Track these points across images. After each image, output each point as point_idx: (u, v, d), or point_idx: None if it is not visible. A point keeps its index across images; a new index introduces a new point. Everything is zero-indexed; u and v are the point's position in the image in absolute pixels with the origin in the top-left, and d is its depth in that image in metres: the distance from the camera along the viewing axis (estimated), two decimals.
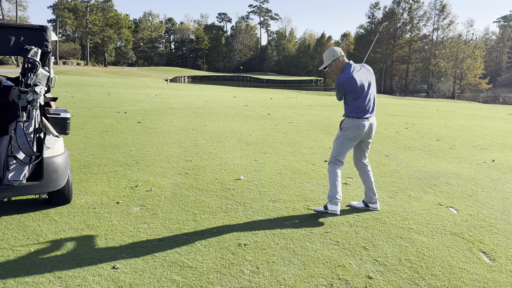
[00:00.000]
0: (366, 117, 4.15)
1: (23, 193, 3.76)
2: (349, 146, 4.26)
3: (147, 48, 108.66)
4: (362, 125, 4.14)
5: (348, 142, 4.24)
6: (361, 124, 4.14)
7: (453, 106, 27.75)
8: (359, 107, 4.13)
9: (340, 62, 4.20)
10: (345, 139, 4.23)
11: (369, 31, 78.59)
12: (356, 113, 4.14)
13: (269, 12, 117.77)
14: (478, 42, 79.52)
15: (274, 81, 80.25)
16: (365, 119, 4.15)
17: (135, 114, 11.73)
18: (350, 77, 4.10)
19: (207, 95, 22.54)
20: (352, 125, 4.15)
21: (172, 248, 3.44)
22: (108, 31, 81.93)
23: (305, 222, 4.12)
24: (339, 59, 4.19)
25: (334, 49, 4.23)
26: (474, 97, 60.18)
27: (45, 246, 3.39)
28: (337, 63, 4.20)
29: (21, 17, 67.25)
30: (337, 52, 4.19)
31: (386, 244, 3.67)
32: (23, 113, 3.62)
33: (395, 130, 10.93)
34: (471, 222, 4.29)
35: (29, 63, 3.65)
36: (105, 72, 59.54)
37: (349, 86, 4.09)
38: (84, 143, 7.43)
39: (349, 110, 4.18)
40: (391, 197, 5.01)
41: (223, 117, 12.13)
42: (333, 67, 4.21)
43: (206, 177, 5.56)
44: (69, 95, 17.52)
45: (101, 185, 5.05)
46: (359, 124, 4.13)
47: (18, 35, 3.95)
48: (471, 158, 7.56)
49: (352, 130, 4.17)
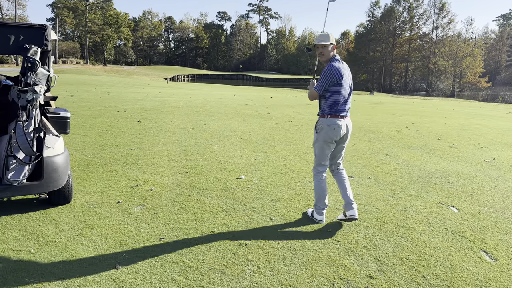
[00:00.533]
0: (342, 116, 3.87)
1: (23, 192, 3.74)
2: (328, 149, 3.95)
3: (146, 47, 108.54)
4: (338, 125, 3.83)
5: (326, 145, 3.93)
6: (337, 124, 3.83)
7: (453, 105, 27.74)
8: (338, 104, 3.84)
9: (333, 50, 3.96)
10: (323, 142, 3.92)
11: (369, 30, 78.55)
12: (331, 110, 3.84)
13: (268, 10, 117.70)
14: (477, 40, 79.66)
15: (273, 79, 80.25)
16: (341, 118, 3.86)
17: (135, 113, 11.71)
18: (340, 67, 3.85)
19: (207, 94, 22.52)
20: (328, 125, 3.84)
21: (173, 248, 3.42)
22: (108, 30, 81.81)
23: (306, 221, 4.10)
24: (335, 47, 3.96)
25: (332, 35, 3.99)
26: (473, 95, 60.25)
27: (46, 246, 3.38)
28: (333, 49, 3.94)
29: (20, 15, 67.16)
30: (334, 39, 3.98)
31: (387, 243, 3.66)
32: (23, 113, 3.60)
33: (395, 128, 10.92)
34: (472, 221, 4.28)
35: (29, 62, 3.63)
36: (104, 71, 59.46)
37: (339, 77, 3.81)
38: (84, 142, 7.41)
39: (325, 107, 3.88)
40: (391, 196, 5.00)
41: (223, 116, 12.12)
42: (326, 52, 3.90)
43: (207, 176, 5.55)
44: (68, 94, 17.49)
45: (101, 184, 5.03)
46: (335, 124, 3.83)
47: (18, 34, 3.93)
48: (472, 157, 7.55)
49: (328, 130, 3.85)
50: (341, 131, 3.86)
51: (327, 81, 3.82)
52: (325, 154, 3.97)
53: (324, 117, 3.87)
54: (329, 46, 3.89)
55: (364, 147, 8.10)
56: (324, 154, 3.97)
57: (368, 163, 6.71)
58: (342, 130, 3.86)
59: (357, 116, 13.88)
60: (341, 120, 3.86)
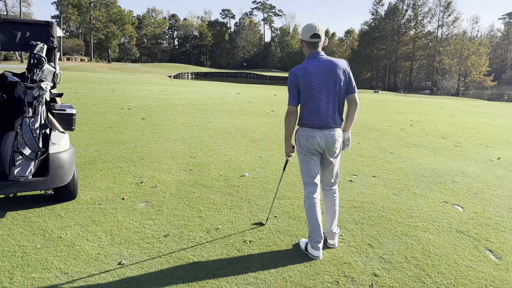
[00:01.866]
0: (319, 127, 3.21)
1: (29, 188, 3.76)
2: (311, 162, 3.31)
3: (150, 45, 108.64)
4: (312, 136, 3.21)
5: (306, 157, 3.31)
6: (311, 134, 3.22)
7: (458, 104, 27.62)
8: (309, 113, 3.22)
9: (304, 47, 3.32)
10: (302, 155, 3.34)
11: (373, 28, 78.24)
12: (302, 119, 3.28)
13: (272, 8, 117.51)
14: (483, 39, 79.18)
15: (277, 77, 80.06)
16: (317, 129, 3.21)
17: (139, 111, 11.74)
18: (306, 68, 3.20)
19: (211, 92, 22.52)
20: (301, 135, 3.28)
21: (177, 245, 3.44)
22: (112, 27, 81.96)
23: None
24: (302, 44, 3.33)
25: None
26: (478, 94, 59.93)
27: (51, 241, 3.40)
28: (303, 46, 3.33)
29: (25, 13, 67.45)
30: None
31: (391, 241, 3.65)
32: (29, 109, 3.62)
33: (399, 127, 10.89)
34: (477, 220, 4.27)
35: (35, 58, 3.65)
36: (108, 68, 59.60)
37: (301, 80, 3.19)
38: (89, 139, 7.44)
39: (300, 116, 3.32)
40: (396, 194, 4.99)
41: (227, 113, 12.12)
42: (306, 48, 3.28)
43: (211, 174, 5.56)
44: (73, 91, 17.55)
45: (106, 181, 5.05)
46: (308, 134, 3.23)
47: (24, 30, 3.95)
48: (477, 156, 7.52)
49: (301, 141, 3.29)
50: (317, 142, 3.22)
51: (289, 87, 3.27)
52: (308, 167, 3.32)
53: (299, 125, 3.35)
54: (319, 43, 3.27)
55: (369, 145, 8.08)
56: (308, 168, 3.32)
57: (373, 161, 6.69)
58: (318, 141, 3.21)
59: (362, 114, 13.84)
60: (318, 131, 3.21)
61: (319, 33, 3.20)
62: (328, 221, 3.49)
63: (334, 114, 3.23)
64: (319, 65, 3.19)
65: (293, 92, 3.23)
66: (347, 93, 3.32)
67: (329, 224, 3.48)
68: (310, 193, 3.34)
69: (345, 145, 3.45)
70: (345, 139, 3.42)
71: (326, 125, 3.21)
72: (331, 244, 3.51)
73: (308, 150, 3.28)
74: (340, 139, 3.32)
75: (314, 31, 3.20)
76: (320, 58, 3.23)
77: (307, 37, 3.22)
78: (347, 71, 3.28)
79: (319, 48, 3.26)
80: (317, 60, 3.22)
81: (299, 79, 3.19)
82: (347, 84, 3.28)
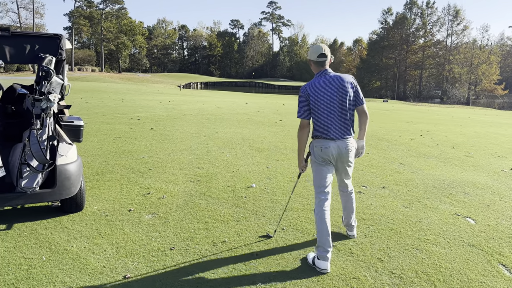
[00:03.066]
0: (332, 138, 3.40)
1: (36, 200, 3.77)
2: (325, 170, 3.48)
3: (160, 55, 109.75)
4: (326, 146, 3.39)
5: (320, 167, 3.49)
6: (325, 145, 3.40)
7: (468, 113, 27.34)
8: (320, 125, 3.42)
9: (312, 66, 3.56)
10: (317, 164, 3.50)
11: (382, 37, 78.17)
12: (315, 131, 3.48)
13: (281, 18, 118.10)
14: (493, 47, 78.58)
15: (286, 87, 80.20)
16: (330, 140, 3.40)
17: (148, 121, 11.80)
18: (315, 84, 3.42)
19: (219, 101, 22.60)
20: (315, 146, 3.46)
21: (183, 258, 3.40)
22: (123, 38, 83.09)
23: None
24: (309, 62, 3.55)
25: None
26: (489, 103, 59.35)
27: (57, 254, 3.38)
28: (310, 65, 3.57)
29: (38, 24, 68.67)
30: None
31: (402, 255, 3.57)
32: (37, 121, 3.64)
33: (409, 137, 10.78)
34: (489, 233, 4.16)
35: (44, 71, 3.68)
36: (119, 79, 60.27)
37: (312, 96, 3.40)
38: (97, 149, 7.47)
39: (314, 129, 3.52)
40: (406, 206, 4.90)
41: (235, 123, 12.12)
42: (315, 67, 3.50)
43: (218, 185, 5.53)
44: (83, 102, 17.74)
45: (114, 192, 5.05)
46: (322, 144, 3.41)
47: (33, 43, 3.99)
48: (488, 166, 7.39)
49: (316, 152, 3.46)
50: (330, 152, 3.39)
51: (299, 103, 3.48)
52: (322, 176, 3.47)
53: (313, 137, 3.53)
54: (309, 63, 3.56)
55: (378, 155, 7.99)
56: (321, 177, 3.47)
57: (382, 172, 6.61)
58: (330, 151, 3.39)
59: (371, 124, 13.75)
60: (331, 141, 3.39)
61: (325, 53, 3.43)
62: (347, 215, 3.84)
63: (345, 125, 3.43)
64: (329, 81, 3.41)
65: (305, 107, 3.43)
66: (356, 105, 3.52)
67: (348, 218, 3.85)
68: (321, 201, 3.44)
69: (359, 152, 3.60)
70: (359, 147, 3.58)
71: (339, 136, 3.41)
72: (350, 235, 3.91)
73: (323, 159, 3.46)
74: (353, 149, 3.51)
75: (321, 51, 3.42)
76: (328, 75, 3.44)
77: (315, 57, 3.44)
78: (354, 85, 3.49)
79: (326, 66, 3.48)
80: (326, 76, 3.43)
81: (310, 95, 3.40)
82: (355, 97, 3.48)
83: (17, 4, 67.99)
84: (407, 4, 75.71)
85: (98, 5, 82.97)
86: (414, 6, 75.02)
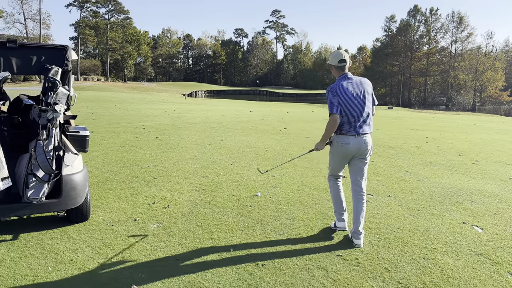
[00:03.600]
0: (353, 134, 3.82)
1: (42, 210, 3.78)
2: (341, 161, 4.02)
3: (165, 64, 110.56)
4: (347, 143, 3.82)
5: (337, 158, 4.01)
6: (346, 141, 3.83)
7: (474, 120, 27.21)
8: (345, 122, 3.82)
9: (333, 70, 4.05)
10: (334, 155, 4.02)
11: (385, 44, 78.25)
12: (340, 127, 3.84)
13: (285, 27, 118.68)
14: (498, 53, 78.35)
15: (290, 94, 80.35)
16: (351, 136, 3.82)
17: (153, 130, 11.85)
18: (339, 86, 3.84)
19: (224, 110, 22.67)
20: (337, 141, 3.89)
21: (188, 268, 3.38)
22: (128, 48, 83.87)
23: (324, 241, 4.01)
24: (331, 68, 4.02)
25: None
26: (495, 109, 59.05)
27: (63, 264, 3.38)
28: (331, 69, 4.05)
29: (44, 35, 69.50)
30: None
31: (409, 265, 3.54)
32: (43, 131, 3.67)
33: (415, 144, 10.73)
34: (497, 242, 4.12)
35: (50, 82, 3.72)
36: (124, 88, 60.70)
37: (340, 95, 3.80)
38: (103, 159, 7.50)
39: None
40: (413, 215, 4.86)
41: (239, 131, 12.14)
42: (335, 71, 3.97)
43: (223, 194, 5.52)
44: (89, 111, 17.86)
45: (119, 201, 5.06)
46: (343, 141, 3.84)
47: (40, 54, 4.04)
48: (495, 174, 7.33)
49: (336, 147, 3.91)
50: (349, 148, 3.84)
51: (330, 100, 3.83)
52: (337, 165, 4.09)
53: (335, 133, 3.92)
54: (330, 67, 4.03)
55: (383, 163, 7.96)
56: (337, 166, 4.10)
57: (388, 180, 6.57)
58: (350, 147, 3.83)
59: (376, 131, 13.70)
60: (352, 137, 3.82)
61: (345, 58, 3.88)
62: (356, 219, 3.95)
63: (365, 122, 3.88)
64: (352, 83, 3.88)
65: (335, 103, 3.79)
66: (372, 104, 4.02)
67: (357, 224, 3.93)
68: (335, 181, 4.20)
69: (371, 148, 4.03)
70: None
71: (360, 132, 3.84)
72: (356, 245, 3.90)
73: (342, 154, 3.93)
74: (370, 143, 3.94)
75: (341, 57, 3.89)
76: (350, 77, 3.92)
77: (336, 62, 3.91)
78: (371, 87, 4.03)
79: (346, 70, 3.95)
80: (348, 78, 3.90)
81: (337, 93, 3.80)
82: (372, 97, 4.00)
83: (24, 15, 68.98)
84: (410, 11, 75.91)
85: (104, 15, 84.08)
86: (418, 13, 75.18)
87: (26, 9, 68.90)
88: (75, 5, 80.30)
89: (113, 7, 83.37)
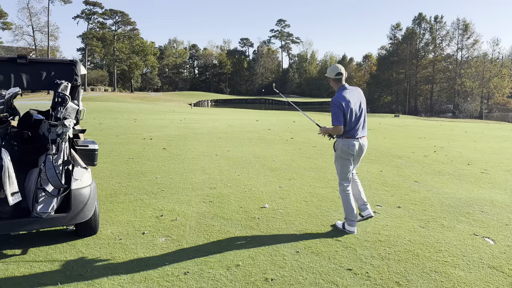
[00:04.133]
0: (356, 138, 4.43)
1: (51, 225, 3.79)
2: (349, 164, 4.52)
3: (171, 74, 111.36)
4: (352, 144, 4.41)
5: (345, 161, 4.50)
6: (351, 143, 4.41)
7: (482, 127, 26.99)
8: (349, 128, 4.38)
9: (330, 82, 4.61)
10: (342, 158, 4.51)
11: (391, 52, 78.22)
12: (345, 133, 4.40)
13: (290, 36, 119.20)
14: (504, 60, 77.90)
15: (296, 103, 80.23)
16: (355, 139, 4.42)
17: (160, 140, 11.89)
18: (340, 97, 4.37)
19: (230, 119, 22.72)
20: (343, 144, 4.43)
21: (197, 283, 3.36)
22: (135, 58, 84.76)
23: (334, 254, 3.98)
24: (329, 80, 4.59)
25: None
26: (503, 116, 58.60)
27: (72, 279, 3.38)
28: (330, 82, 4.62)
29: (52, 47, 70.50)
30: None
31: (420, 279, 3.49)
32: (53, 146, 3.69)
33: (423, 153, 10.65)
34: (510, 254, 4.05)
35: (59, 97, 3.75)
36: (131, 98, 61.17)
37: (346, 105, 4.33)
38: (111, 171, 7.53)
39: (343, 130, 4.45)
40: (423, 226, 4.81)
41: (246, 141, 12.14)
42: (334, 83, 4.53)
43: (231, 206, 5.51)
44: (96, 122, 17.99)
45: (127, 214, 5.06)
46: (349, 143, 4.41)
47: (49, 70, 4.08)
48: (505, 183, 7.24)
49: (343, 149, 4.44)
50: (355, 149, 4.44)
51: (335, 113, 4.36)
52: (346, 169, 4.53)
53: (340, 138, 4.47)
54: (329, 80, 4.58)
55: (392, 173, 7.90)
56: (346, 169, 4.53)
57: (397, 191, 6.52)
58: (356, 148, 4.44)
59: (383, 140, 13.65)
60: (355, 140, 4.43)
61: (341, 71, 4.47)
62: (358, 197, 4.74)
63: (363, 126, 4.53)
64: (351, 93, 4.46)
65: (340, 116, 4.33)
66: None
67: (361, 199, 4.74)
68: (345, 186, 4.56)
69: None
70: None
71: (361, 135, 4.48)
72: (367, 215, 4.70)
73: (348, 155, 4.45)
74: (366, 144, 4.61)
75: (338, 70, 4.46)
76: (348, 88, 4.49)
77: (333, 75, 4.48)
78: (363, 95, 4.64)
79: (343, 81, 4.50)
80: (347, 89, 4.47)
81: (343, 104, 4.31)
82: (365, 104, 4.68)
83: (32, 28, 70.08)
84: (415, 19, 75.97)
85: (111, 26, 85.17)
86: (423, 21, 75.20)
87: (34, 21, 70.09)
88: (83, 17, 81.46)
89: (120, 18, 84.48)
